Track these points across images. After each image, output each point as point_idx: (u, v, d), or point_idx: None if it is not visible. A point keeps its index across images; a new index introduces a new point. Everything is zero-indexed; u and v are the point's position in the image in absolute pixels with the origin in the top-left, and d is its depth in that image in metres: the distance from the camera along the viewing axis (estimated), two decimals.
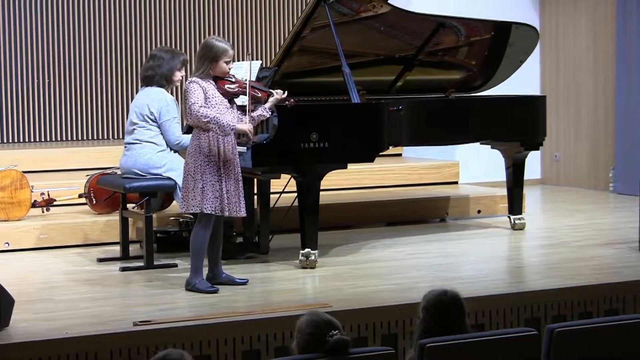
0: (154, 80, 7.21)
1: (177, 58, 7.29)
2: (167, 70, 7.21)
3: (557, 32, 11.36)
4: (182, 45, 10.69)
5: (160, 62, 7.21)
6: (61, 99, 10.30)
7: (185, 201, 6.25)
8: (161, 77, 7.21)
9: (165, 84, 7.23)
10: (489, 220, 8.88)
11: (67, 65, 10.32)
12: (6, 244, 7.56)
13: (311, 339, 3.82)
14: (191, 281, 6.28)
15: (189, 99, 6.17)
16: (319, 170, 6.93)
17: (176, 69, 7.25)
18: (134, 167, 7.14)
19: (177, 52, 7.51)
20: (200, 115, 6.14)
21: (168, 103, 7.15)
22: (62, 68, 10.30)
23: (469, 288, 6.02)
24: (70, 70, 10.34)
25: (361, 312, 5.67)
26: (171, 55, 7.28)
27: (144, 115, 7.15)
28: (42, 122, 10.23)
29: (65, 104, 10.31)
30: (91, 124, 10.41)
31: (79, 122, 10.37)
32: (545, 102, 8.44)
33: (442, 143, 8.63)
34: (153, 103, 7.14)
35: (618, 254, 7.31)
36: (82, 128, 10.39)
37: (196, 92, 6.18)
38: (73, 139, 10.34)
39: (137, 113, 7.18)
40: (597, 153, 10.96)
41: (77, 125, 10.37)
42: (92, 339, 5.14)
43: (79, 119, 10.37)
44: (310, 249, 6.88)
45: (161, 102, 7.14)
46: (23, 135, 10.17)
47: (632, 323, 4.32)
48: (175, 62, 7.25)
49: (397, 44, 8.06)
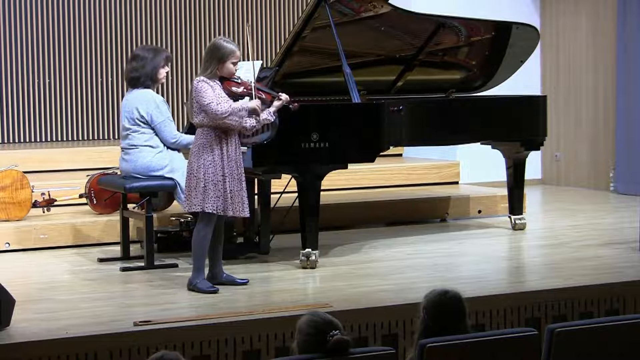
0: (140, 82, 7.16)
1: (160, 55, 7.23)
2: (151, 69, 7.16)
3: (557, 32, 11.36)
4: (182, 45, 10.69)
5: (144, 62, 7.16)
6: (61, 99, 10.30)
7: (187, 200, 6.26)
8: (146, 77, 7.17)
9: (150, 83, 7.19)
10: (490, 221, 8.88)
11: (67, 65, 10.32)
12: (7, 244, 7.56)
13: (312, 339, 3.82)
14: (193, 281, 6.28)
15: (204, 100, 6.15)
16: (320, 170, 6.93)
17: (160, 67, 7.19)
18: (133, 171, 7.13)
19: (159, 49, 7.48)
20: (220, 114, 6.12)
21: (157, 105, 7.12)
22: (62, 68, 10.30)
23: (469, 288, 6.02)
24: (70, 70, 10.33)
25: (361, 312, 5.67)
26: (153, 54, 7.23)
27: (134, 119, 7.12)
28: (43, 123, 10.23)
29: (65, 104, 10.31)
30: (92, 124, 10.41)
31: (79, 123, 10.37)
32: (545, 102, 8.44)
33: (443, 143, 8.63)
34: (142, 106, 7.10)
35: (619, 254, 7.30)
36: (83, 128, 10.38)
37: (208, 91, 6.17)
38: (73, 139, 10.34)
39: (127, 118, 7.15)
40: (598, 153, 10.96)
41: (78, 125, 10.36)
42: (93, 339, 5.14)
43: (79, 119, 10.37)
44: (311, 249, 6.88)
45: (150, 105, 7.11)
46: (24, 136, 10.16)
47: (632, 323, 4.31)
48: (159, 60, 7.19)
49: (397, 44, 8.06)
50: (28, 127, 10.19)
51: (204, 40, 10.63)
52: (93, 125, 10.42)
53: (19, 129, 10.15)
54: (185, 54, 10.70)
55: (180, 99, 10.59)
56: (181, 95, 10.62)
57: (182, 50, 10.68)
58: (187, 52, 10.70)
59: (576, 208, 9.67)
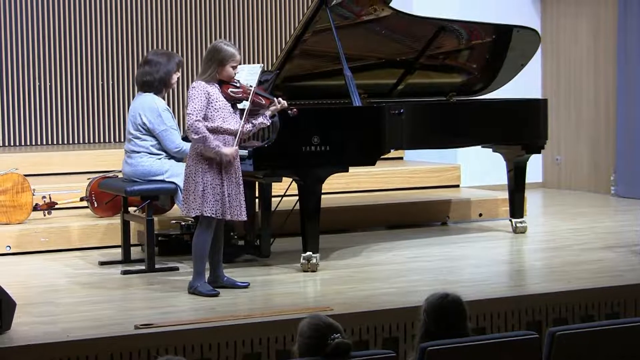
0: (153, 86, 7.19)
1: (173, 60, 7.26)
2: (165, 74, 7.20)
3: (558, 35, 11.36)
4: (182, 48, 10.69)
5: (158, 67, 7.19)
6: (62, 102, 10.29)
7: (186, 204, 6.26)
8: (160, 82, 7.20)
9: (163, 88, 7.23)
10: (491, 224, 8.88)
11: (67, 66, 10.32)
12: (8, 247, 7.56)
13: (312, 342, 3.82)
14: (193, 284, 6.29)
15: (188, 107, 6.17)
16: (320, 173, 6.93)
17: (173, 72, 7.23)
18: (134, 175, 7.16)
19: (172, 54, 7.50)
20: (193, 129, 6.13)
21: (160, 113, 7.13)
22: (62, 69, 10.30)
23: (470, 291, 6.02)
24: (71, 71, 10.33)
25: (362, 315, 5.67)
26: (167, 59, 7.26)
27: (137, 125, 7.14)
28: (43, 125, 10.23)
29: (66, 106, 10.31)
30: (92, 127, 10.41)
31: (79, 125, 10.37)
32: (546, 105, 8.43)
33: (444, 146, 8.64)
34: (145, 113, 7.12)
35: (619, 257, 7.31)
36: (84, 131, 10.38)
37: (196, 100, 6.16)
38: (74, 142, 10.34)
39: (132, 122, 7.19)
40: (599, 156, 10.96)
41: (77, 128, 10.36)
42: (93, 342, 5.14)
43: (79, 122, 10.36)
44: (312, 252, 6.88)
45: (153, 113, 7.12)
46: (25, 139, 10.16)
47: (633, 326, 4.32)
48: (172, 65, 7.23)
49: (398, 48, 8.06)
50: (29, 130, 10.19)
51: (205, 44, 10.62)
52: (94, 129, 10.42)
53: (20, 132, 10.14)
54: (188, 58, 10.70)
55: (181, 103, 10.59)
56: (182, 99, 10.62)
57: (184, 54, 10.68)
58: (188, 56, 10.69)
59: (577, 211, 9.66)
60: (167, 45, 10.59)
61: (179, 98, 10.59)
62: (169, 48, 10.49)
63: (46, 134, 10.25)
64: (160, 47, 10.46)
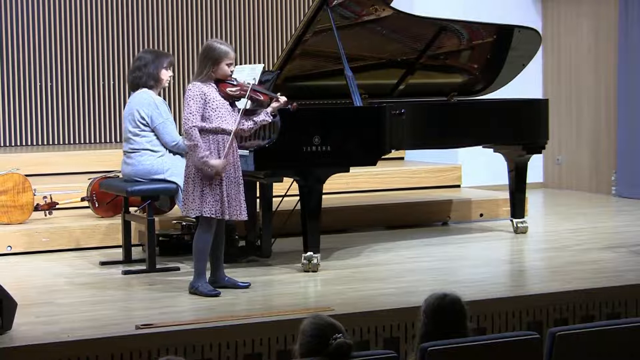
0: (142, 82, 7.16)
1: (162, 57, 7.24)
2: (154, 70, 7.16)
3: (559, 35, 11.36)
4: (182, 49, 10.69)
5: (145, 62, 7.17)
6: (64, 102, 10.30)
7: (185, 204, 6.26)
8: (149, 77, 7.16)
9: (153, 84, 7.19)
10: (491, 224, 8.88)
11: (69, 66, 10.33)
12: (8, 247, 7.56)
13: (314, 342, 3.82)
14: (194, 284, 6.29)
15: (185, 109, 6.18)
16: (321, 173, 6.93)
17: (162, 68, 7.19)
18: (135, 175, 7.13)
19: (162, 52, 7.51)
20: (187, 136, 6.16)
21: (157, 105, 7.12)
22: (64, 69, 10.31)
23: (471, 291, 6.02)
24: (72, 71, 10.34)
25: (363, 315, 5.67)
26: (155, 55, 7.25)
27: (135, 121, 7.12)
28: (45, 125, 10.24)
29: (66, 107, 10.31)
30: (94, 127, 10.42)
31: (80, 125, 10.38)
32: (547, 105, 8.43)
33: (444, 146, 8.64)
34: (142, 107, 7.10)
35: (620, 258, 7.30)
36: (85, 131, 10.39)
37: (192, 103, 6.16)
38: (76, 142, 10.34)
39: (129, 120, 7.16)
40: (599, 156, 10.96)
41: (79, 128, 10.37)
42: (94, 343, 5.14)
43: (79, 122, 10.37)
44: (313, 252, 6.88)
45: (150, 106, 7.11)
46: (26, 139, 10.16)
47: (634, 327, 4.32)
48: (161, 61, 7.20)
49: (399, 48, 8.06)
50: (30, 130, 10.19)
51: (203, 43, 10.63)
52: (96, 129, 10.43)
53: (20, 132, 10.14)
54: (184, 57, 10.70)
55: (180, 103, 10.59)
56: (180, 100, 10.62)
57: (183, 55, 10.68)
58: (187, 57, 10.69)
59: (578, 211, 9.66)
60: (167, 45, 10.59)
61: (178, 99, 10.60)
62: (170, 49, 10.50)
63: (47, 134, 10.26)
64: (160, 47, 10.46)
